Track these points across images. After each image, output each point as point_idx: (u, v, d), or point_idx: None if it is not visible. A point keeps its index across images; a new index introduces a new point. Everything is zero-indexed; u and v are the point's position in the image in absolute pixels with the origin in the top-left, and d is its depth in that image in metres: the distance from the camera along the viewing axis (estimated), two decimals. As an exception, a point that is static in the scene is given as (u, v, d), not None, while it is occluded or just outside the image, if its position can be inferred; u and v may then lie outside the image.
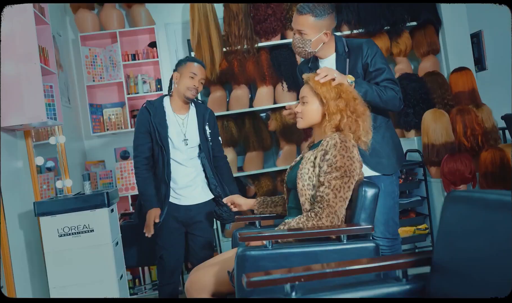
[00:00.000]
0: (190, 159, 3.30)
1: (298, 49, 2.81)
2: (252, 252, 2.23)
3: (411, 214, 4.70)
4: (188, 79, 3.24)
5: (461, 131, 4.28)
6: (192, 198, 3.31)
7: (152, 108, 3.26)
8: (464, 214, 1.41)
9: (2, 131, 3.13)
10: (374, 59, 2.79)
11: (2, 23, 2.96)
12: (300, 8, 2.72)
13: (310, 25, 2.71)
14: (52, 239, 3.05)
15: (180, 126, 3.28)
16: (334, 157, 2.31)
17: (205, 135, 3.33)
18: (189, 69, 3.25)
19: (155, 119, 3.23)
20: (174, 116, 3.30)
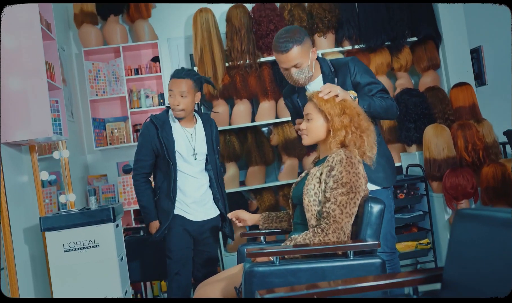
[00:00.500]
0: (200, 171, 3.29)
1: (301, 80, 2.79)
2: (260, 268, 2.24)
3: (413, 228, 4.71)
4: (169, 98, 3.20)
5: (463, 146, 4.31)
6: (203, 213, 3.30)
7: (158, 122, 3.22)
8: (473, 232, 1.43)
9: (8, 146, 3.15)
10: (363, 75, 2.84)
11: (8, 38, 2.99)
12: (283, 48, 2.67)
13: (300, 54, 2.70)
14: (58, 254, 3.06)
15: (188, 140, 3.24)
16: (340, 173, 2.33)
17: (213, 147, 3.31)
18: (168, 87, 3.22)
19: (163, 133, 3.19)
20: (182, 130, 3.25)
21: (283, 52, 2.68)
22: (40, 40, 2.98)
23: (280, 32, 2.73)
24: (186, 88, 3.15)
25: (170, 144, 3.18)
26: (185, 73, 3.18)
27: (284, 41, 2.67)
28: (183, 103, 3.15)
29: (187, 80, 3.16)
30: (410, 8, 5.01)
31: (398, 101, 4.81)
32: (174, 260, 3.24)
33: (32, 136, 3.01)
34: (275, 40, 2.73)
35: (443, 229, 4.47)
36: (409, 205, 4.68)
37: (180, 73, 3.18)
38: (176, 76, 3.18)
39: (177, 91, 3.14)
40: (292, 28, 2.73)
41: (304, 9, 4.94)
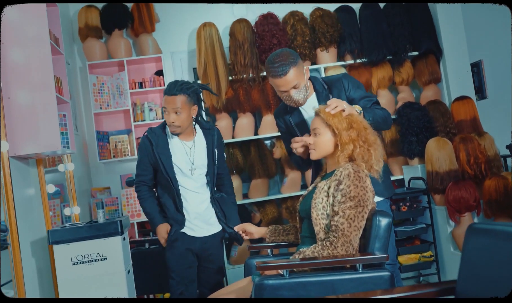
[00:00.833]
0: (201, 185, 3.21)
1: (301, 100, 2.81)
2: (270, 281, 2.27)
3: (415, 241, 4.73)
4: (164, 115, 3.09)
5: (465, 159, 4.35)
6: (206, 229, 3.22)
7: (153, 137, 3.14)
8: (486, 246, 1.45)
9: (16, 159, 3.17)
10: (356, 90, 2.89)
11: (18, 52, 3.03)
12: (281, 72, 2.68)
13: (297, 75, 2.73)
14: (66, 267, 3.07)
15: (187, 155, 3.16)
16: (348, 187, 2.36)
17: (213, 159, 3.21)
18: (162, 103, 3.11)
19: (158, 148, 3.11)
20: (181, 143, 3.17)
21: (281, 76, 2.69)
22: (49, 55, 3.02)
23: (272, 57, 2.73)
24: (180, 104, 3.02)
25: (167, 159, 3.11)
26: (178, 88, 3.03)
27: (280, 65, 2.68)
28: (178, 120, 3.04)
29: (181, 96, 3.02)
30: (411, 23, 5.07)
31: (400, 114, 4.85)
32: (177, 280, 3.15)
33: (41, 150, 3.03)
34: (269, 66, 2.72)
35: (445, 241, 4.49)
36: (412, 217, 4.71)
37: (172, 90, 3.04)
38: (168, 93, 3.04)
39: (171, 108, 3.02)
40: (283, 51, 2.73)
41: (306, 24, 4.99)
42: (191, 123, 3.15)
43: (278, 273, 2.36)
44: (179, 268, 3.15)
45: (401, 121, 4.84)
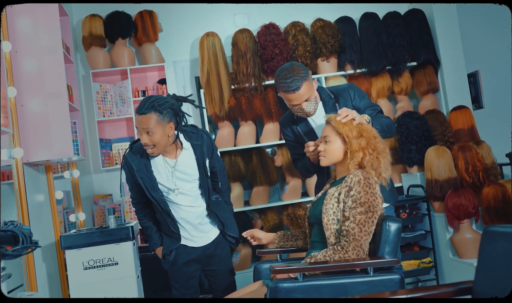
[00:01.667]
0: (195, 198, 3.06)
1: (312, 111, 2.88)
2: (285, 284, 2.33)
3: (415, 247, 4.81)
4: (138, 135, 2.88)
5: (463, 167, 4.44)
6: (206, 237, 3.13)
7: (134, 160, 2.95)
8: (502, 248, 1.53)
9: (28, 166, 3.22)
10: (362, 100, 2.98)
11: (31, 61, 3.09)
12: (294, 87, 2.73)
13: (309, 88, 2.80)
14: (77, 272, 3.12)
15: (171, 174, 2.97)
16: (358, 193, 2.44)
17: (205, 172, 3.03)
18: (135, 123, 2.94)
19: (140, 173, 2.92)
20: (164, 162, 2.97)
21: (295, 92, 2.75)
22: (62, 64, 3.08)
23: (283, 72, 2.78)
24: (151, 124, 2.77)
25: (149, 181, 2.94)
26: (148, 106, 2.77)
27: (292, 80, 2.74)
28: (151, 140, 2.81)
29: (151, 115, 2.77)
30: (410, 34, 5.18)
31: (399, 123, 4.94)
32: (181, 291, 3.11)
33: (54, 157, 3.09)
34: (281, 81, 2.76)
35: (444, 247, 4.58)
36: (411, 224, 4.79)
37: (142, 108, 2.78)
38: (138, 111, 2.80)
39: (141, 128, 2.79)
40: (293, 66, 2.79)
41: (308, 34, 5.08)
42: (169, 141, 2.89)
43: (289, 277, 2.43)
44: (181, 279, 3.11)
45: (400, 130, 4.92)
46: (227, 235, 3.17)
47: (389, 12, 5.23)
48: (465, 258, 4.33)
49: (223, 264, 3.19)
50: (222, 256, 3.19)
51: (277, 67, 4.87)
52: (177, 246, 3.07)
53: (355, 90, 3.01)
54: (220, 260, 3.18)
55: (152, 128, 2.77)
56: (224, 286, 3.17)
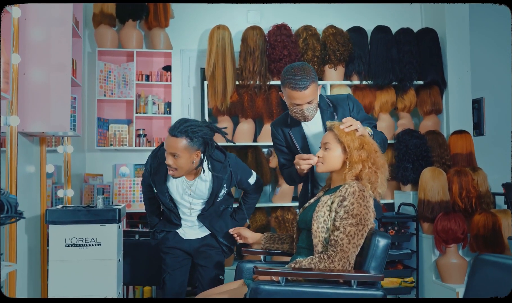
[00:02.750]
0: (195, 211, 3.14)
1: (311, 116, 2.83)
2: (266, 287, 2.31)
3: (398, 265, 4.80)
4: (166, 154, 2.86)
5: (457, 192, 4.43)
6: (196, 234, 3.19)
7: (154, 162, 3.02)
8: (492, 277, 1.51)
9: (22, 135, 3.19)
10: (359, 112, 2.96)
11: (39, 31, 3.05)
12: (302, 85, 2.68)
13: (315, 91, 2.76)
14: (59, 248, 3.08)
15: (184, 193, 3.04)
16: (351, 204, 2.42)
17: (215, 198, 3.04)
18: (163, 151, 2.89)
19: (155, 177, 3.01)
20: (181, 181, 3.01)
21: (301, 90, 2.69)
22: (70, 37, 3.05)
23: (293, 69, 2.73)
24: (179, 148, 2.77)
25: (161, 188, 3.02)
26: (181, 130, 2.76)
27: (302, 78, 2.68)
28: (175, 164, 2.82)
29: (181, 139, 2.77)
30: (420, 52, 5.16)
31: (398, 140, 4.93)
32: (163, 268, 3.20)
33: (50, 130, 3.05)
34: (289, 77, 2.70)
35: (428, 269, 4.57)
36: (398, 242, 4.78)
37: (174, 130, 2.77)
38: (170, 133, 2.78)
39: (169, 151, 2.80)
40: (304, 65, 2.74)
41: (318, 39, 5.06)
42: (192, 167, 2.89)
43: (271, 279, 2.40)
44: (166, 256, 3.18)
45: (398, 147, 4.91)
46: (220, 241, 3.19)
47: (402, 28, 5.22)
48: (448, 282, 4.32)
49: (210, 262, 3.18)
50: (211, 255, 3.18)
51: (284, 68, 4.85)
52: (171, 230, 3.17)
53: (354, 101, 2.99)
54: (207, 257, 3.17)
55: (179, 152, 2.77)
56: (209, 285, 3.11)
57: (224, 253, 3.23)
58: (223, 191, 3.05)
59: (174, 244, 3.19)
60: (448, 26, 5.18)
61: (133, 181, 4.90)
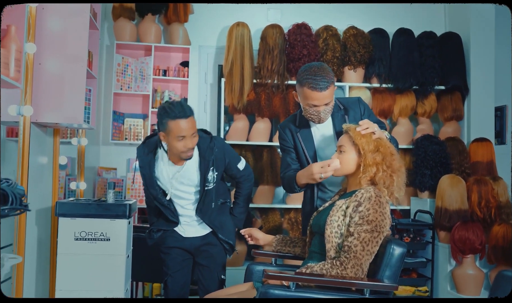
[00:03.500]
0: (191, 202, 3.03)
1: (325, 118, 2.75)
2: (276, 291, 2.24)
3: (413, 274, 4.71)
4: (177, 142, 2.75)
5: (476, 201, 4.33)
6: (195, 231, 3.08)
7: (141, 154, 2.95)
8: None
9: (36, 126, 3.16)
10: (370, 115, 2.87)
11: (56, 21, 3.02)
12: (322, 86, 2.60)
13: (332, 93, 2.69)
14: (68, 241, 3.05)
15: (173, 179, 2.94)
16: (367, 210, 2.34)
17: (204, 182, 2.95)
18: (174, 131, 2.72)
19: (142, 169, 2.93)
20: (170, 166, 2.94)
21: (321, 90, 2.61)
22: (86, 28, 3.02)
23: (312, 69, 2.64)
24: (195, 126, 2.80)
25: (151, 181, 2.94)
26: (189, 109, 2.77)
27: (322, 79, 2.60)
28: (194, 143, 2.81)
29: (193, 117, 2.78)
30: (443, 57, 5.06)
31: (417, 146, 4.83)
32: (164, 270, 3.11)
33: (63, 121, 3.02)
34: (309, 77, 2.62)
35: (443, 279, 4.46)
36: (412, 249, 4.68)
37: (186, 111, 2.73)
38: (183, 115, 2.72)
39: (191, 133, 2.76)
40: (323, 66, 2.67)
41: (339, 40, 4.98)
42: None
43: (282, 284, 2.34)
44: (166, 257, 3.09)
45: (417, 153, 4.81)
46: (221, 239, 3.08)
47: (425, 31, 5.12)
48: (463, 294, 4.21)
49: (212, 262, 3.10)
50: (212, 254, 3.10)
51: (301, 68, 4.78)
52: (168, 229, 3.06)
53: (364, 105, 2.92)
54: (208, 256, 3.10)
55: (195, 130, 2.78)
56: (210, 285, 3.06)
57: (225, 250, 3.14)
58: (211, 174, 2.95)
59: (173, 243, 3.07)
60: (472, 30, 5.06)
61: (146, 176, 4.86)
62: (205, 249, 3.09)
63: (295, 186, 2.77)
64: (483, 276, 4.23)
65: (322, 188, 2.90)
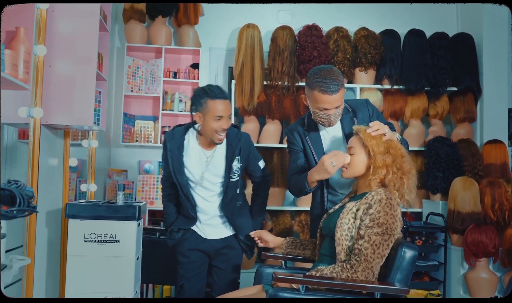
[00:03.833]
0: (215, 195, 3.02)
1: (335, 121, 2.72)
2: (285, 294, 2.23)
3: (425, 277, 4.66)
4: (213, 122, 2.82)
5: (489, 204, 4.27)
6: (216, 233, 3.06)
7: (170, 141, 2.97)
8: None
9: (46, 128, 3.17)
10: (379, 117, 2.84)
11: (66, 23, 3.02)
12: (333, 89, 2.57)
13: (342, 96, 2.66)
14: (78, 242, 3.05)
15: (201, 164, 2.96)
16: (378, 212, 2.31)
17: (229, 172, 2.97)
18: (212, 111, 2.80)
19: (171, 154, 2.94)
20: (199, 151, 2.97)
21: (332, 94, 2.58)
22: (96, 30, 3.02)
23: (322, 72, 2.61)
24: (230, 109, 2.91)
25: (179, 166, 2.94)
26: (227, 93, 2.92)
27: (332, 82, 2.57)
28: (228, 124, 2.89)
29: (229, 101, 2.90)
30: (455, 58, 5.01)
31: (429, 147, 4.79)
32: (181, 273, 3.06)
33: (73, 123, 3.03)
34: (319, 80, 2.59)
35: (456, 283, 4.41)
36: (424, 252, 4.63)
37: (223, 93, 2.85)
38: (221, 96, 2.82)
39: (227, 115, 2.85)
40: (333, 69, 2.63)
41: (350, 41, 4.95)
42: None
43: (291, 287, 2.32)
44: (183, 261, 3.05)
45: (429, 155, 4.77)
46: (241, 240, 3.07)
47: (437, 32, 5.07)
48: (477, 297, 4.15)
49: (229, 265, 3.09)
50: (231, 258, 3.09)
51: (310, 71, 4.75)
52: (188, 227, 3.04)
53: (373, 107, 2.89)
54: (227, 259, 3.08)
55: (230, 112, 2.88)
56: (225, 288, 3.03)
57: (245, 252, 3.13)
58: (236, 164, 2.98)
59: (193, 246, 3.05)
60: (485, 30, 5.01)
61: (156, 178, 4.87)
62: (225, 252, 3.07)
63: (305, 185, 2.72)
64: (497, 280, 4.17)
65: (332, 191, 2.87)
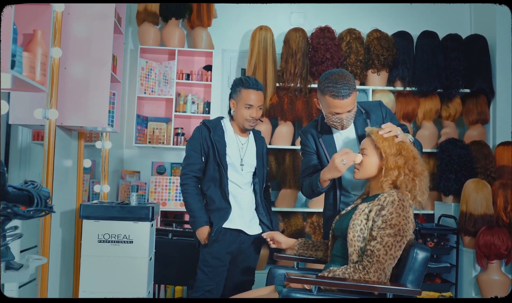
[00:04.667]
0: (246, 183, 3.15)
1: (348, 125, 2.74)
2: (298, 295, 2.24)
3: (436, 279, 4.64)
4: (244, 110, 3.06)
5: (502, 206, 4.25)
6: (248, 226, 3.11)
7: (211, 125, 3.12)
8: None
9: (60, 129, 3.21)
10: (392, 119, 2.85)
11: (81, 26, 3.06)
12: (344, 93, 2.59)
13: (354, 100, 2.67)
14: (92, 243, 3.09)
15: (239, 150, 3.14)
16: (390, 214, 2.32)
17: (263, 161, 3.21)
18: (244, 99, 3.05)
19: (215, 136, 3.08)
20: (235, 137, 3.16)
21: (343, 98, 2.59)
22: (111, 32, 3.06)
23: (333, 76, 2.62)
24: (263, 103, 3.15)
25: (222, 147, 3.07)
26: (262, 86, 3.15)
27: (343, 86, 2.58)
28: (259, 115, 3.12)
29: (262, 93, 3.14)
30: (468, 60, 4.99)
31: (441, 149, 4.77)
32: (209, 276, 3.04)
33: (88, 124, 3.06)
34: (330, 84, 2.60)
35: (468, 285, 4.40)
36: (436, 254, 4.62)
37: (257, 84, 3.10)
38: (255, 87, 3.08)
39: (258, 105, 3.08)
40: (344, 73, 2.64)
41: (362, 43, 4.95)
42: None
43: (303, 287, 2.33)
44: (215, 264, 3.04)
45: (441, 157, 4.75)
46: None
47: (450, 34, 5.05)
48: (489, 300, 4.14)
49: (250, 260, 3.17)
50: (250, 256, 3.16)
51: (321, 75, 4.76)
52: (223, 223, 3.04)
53: (386, 108, 2.90)
54: (246, 258, 3.15)
55: (263, 103, 3.14)
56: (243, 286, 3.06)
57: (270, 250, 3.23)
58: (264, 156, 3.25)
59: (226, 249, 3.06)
60: (499, 32, 4.98)
61: (169, 180, 4.89)
62: (249, 253, 3.14)
63: (318, 184, 2.74)
64: (509, 282, 4.16)
65: (345, 192, 2.88)
